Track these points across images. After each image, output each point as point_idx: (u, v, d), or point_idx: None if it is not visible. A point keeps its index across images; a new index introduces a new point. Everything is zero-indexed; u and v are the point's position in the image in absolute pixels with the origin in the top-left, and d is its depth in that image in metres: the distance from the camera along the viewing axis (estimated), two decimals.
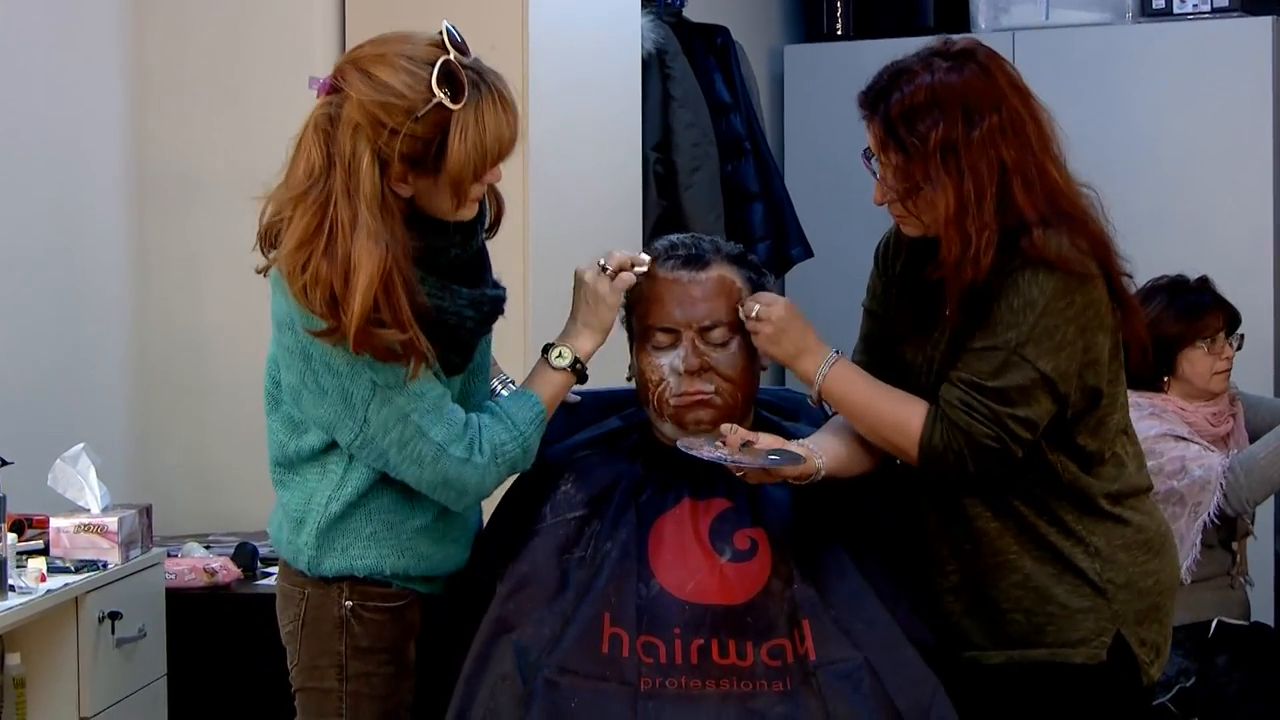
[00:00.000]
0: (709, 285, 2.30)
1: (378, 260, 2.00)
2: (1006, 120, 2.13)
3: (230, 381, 3.65)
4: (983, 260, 2.11)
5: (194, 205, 3.66)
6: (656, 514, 2.26)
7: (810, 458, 2.18)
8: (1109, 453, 2.22)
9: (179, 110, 3.68)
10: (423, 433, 2.11)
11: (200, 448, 3.69)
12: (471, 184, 2.06)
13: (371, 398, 2.10)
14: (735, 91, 4.37)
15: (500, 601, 2.23)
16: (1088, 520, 2.20)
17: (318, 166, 2.04)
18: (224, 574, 3.19)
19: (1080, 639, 2.19)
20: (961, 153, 2.11)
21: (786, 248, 4.39)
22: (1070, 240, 2.13)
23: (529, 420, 2.19)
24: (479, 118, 2.02)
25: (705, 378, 2.27)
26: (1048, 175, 2.16)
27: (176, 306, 3.69)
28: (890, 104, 2.14)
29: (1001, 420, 2.11)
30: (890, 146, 2.14)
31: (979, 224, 2.11)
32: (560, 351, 2.23)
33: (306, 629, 2.23)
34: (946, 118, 2.11)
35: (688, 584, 2.20)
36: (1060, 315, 2.11)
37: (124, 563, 2.80)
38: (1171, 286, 3.51)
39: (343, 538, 2.20)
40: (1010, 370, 2.11)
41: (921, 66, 2.15)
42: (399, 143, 2.01)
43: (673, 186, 4.13)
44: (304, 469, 2.21)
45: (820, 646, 2.15)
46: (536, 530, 2.27)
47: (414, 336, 2.04)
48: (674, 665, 2.14)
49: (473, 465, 2.13)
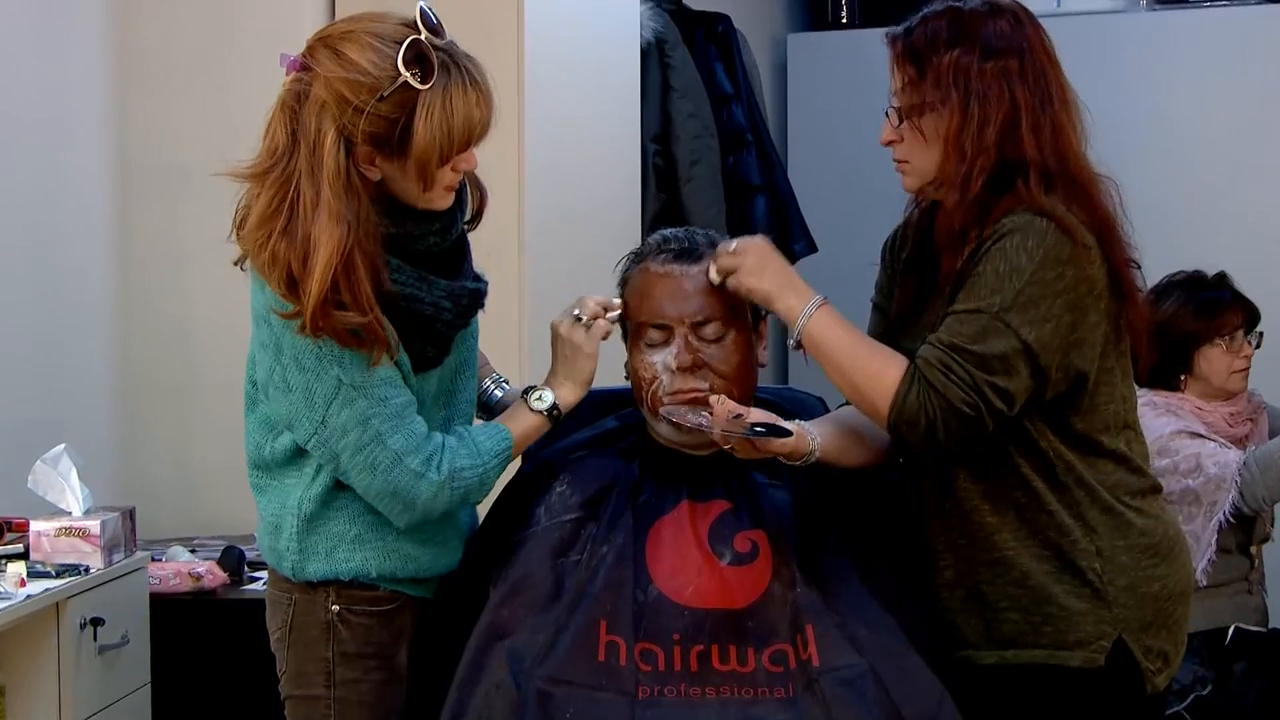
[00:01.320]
0: (701, 279, 2.29)
1: (337, 239, 2.01)
2: (1028, 67, 2.17)
3: (217, 380, 3.65)
4: (973, 183, 2.13)
5: (180, 196, 3.66)
6: (654, 516, 2.26)
7: (803, 436, 2.18)
8: (1111, 446, 2.21)
9: (165, 98, 3.67)
10: (381, 439, 2.11)
11: (185, 448, 3.69)
12: (438, 168, 2.06)
13: (334, 396, 2.10)
14: (737, 81, 4.37)
15: (493, 607, 2.22)
16: (1091, 515, 2.19)
17: (281, 145, 2.06)
18: (210, 579, 3.19)
19: (1078, 641, 2.18)
20: (974, 79, 2.15)
21: (790, 243, 4.38)
22: (1066, 207, 2.13)
23: (494, 452, 2.19)
24: (447, 100, 2.03)
25: (700, 375, 2.27)
26: (1061, 130, 2.18)
27: (162, 301, 3.69)
28: (914, 29, 2.21)
29: (979, 387, 2.09)
30: (906, 61, 2.19)
31: (977, 146, 2.14)
32: (541, 395, 2.24)
33: (294, 635, 2.24)
34: (964, 45, 2.16)
35: (687, 588, 2.20)
36: (1048, 286, 2.10)
37: (106, 567, 2.80)
38: (1189, 282, 3.51)
39: (325, 541, 2.20)
40: (992, 336, 2.09)
41: (954, 9, 2.21)
42: (364, 122, 2.01)
43: (672, 180, 4.13)
44: (280, 473, 2.22)
45: (823, 652, 2.15)
46: (530, 533, 2.27)
47: (374, 320, 2.05)
48: (673, 672, 2.14)
49: (426, 481, 2.12)
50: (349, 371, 2.09)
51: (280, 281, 2.05)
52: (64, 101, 3.49)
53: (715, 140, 4.20)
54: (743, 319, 2.30)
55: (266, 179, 2.06)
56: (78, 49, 3.54)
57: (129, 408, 3.67)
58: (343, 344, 2.07)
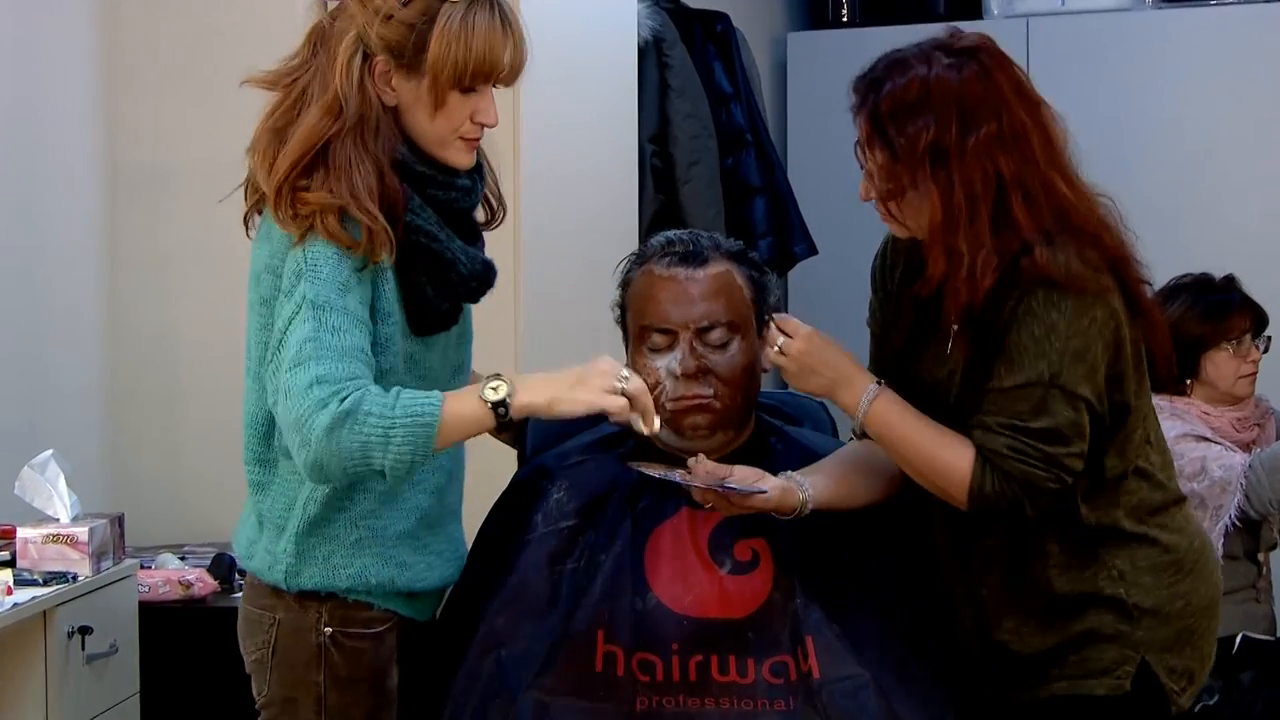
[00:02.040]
0: (707, 284, 2.29)
1: (315, 122, 2.03)
2: (1006, 129, 2.08)
3: (206, 385, 3.65)
4: (981, 283, 2.06)
5: (168, 200, 3.66)
6: (653, 523, 2.26)
7: (790, 489, 2.16)
8: (1131, 468, 2.18)
9: (152, 98, 3.67)
10: (306, 364, 1.99)
11: (175, 454, 3.69)
12: (450, 88, 2.06)
13: (294, 315, 2.02)
14: (736, 81, 4.37)
15: (489, 616, 2.22)
16: (1110, 544, 2.16)
17: (303, 55, 2.11)
18: (200, 586, 3.18)
19: (1102, 669, 2.16)
20: (953, 160, 2.06)
21: (790, 245, 4.38)
22: (1078, 253, 2.08)
23: (409, 413, 1.99)
24: (469, 17, 2.05)
25: (703, 381, 2.26)
26: (1054, 190, 2.10)
27: (150, 306, 3.68)
28: (880, 96, 2.09)
29: (1057, 461, 2.07)
30: (876, 143, 2.10)
31: (974, 242, 2.06)
32: (497, 385, 2.03)
33: (278, 657, 2.16)
34: (939, 120, 2.06)
35: (686, 597, 2.20)
36: (1085, 335, 2.07)
37: (95, 575, 2.79)
38: (1196, 285, 3.51)
39: (324, 544, 2.14)
40: (1052, 406, 2.06)
41: (919, 59, 2.10)
42: (383, 26, 2.04)
43: (670, 181, 4.13)
44: (284, 468, 2.16)
45: (825, 664, 2.15)
46: (527, 540, 2.27)
47: (361, 214, 2.00)
48: (671, 683, 2.14)
49: (326, 412, 1.97)
50: (316, 288, 2.01)
51: (274, 183, 2.04)
52: (47, 101, 3.48)
53: (714, 141, 4.20)
54: (747, 325, 2.30)
55: (281, 81, 2.11)
56: (61, 47, 3.54)
57: (117, 412, 3.67)
58: (330, 236, 2.01)
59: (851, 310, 2.24)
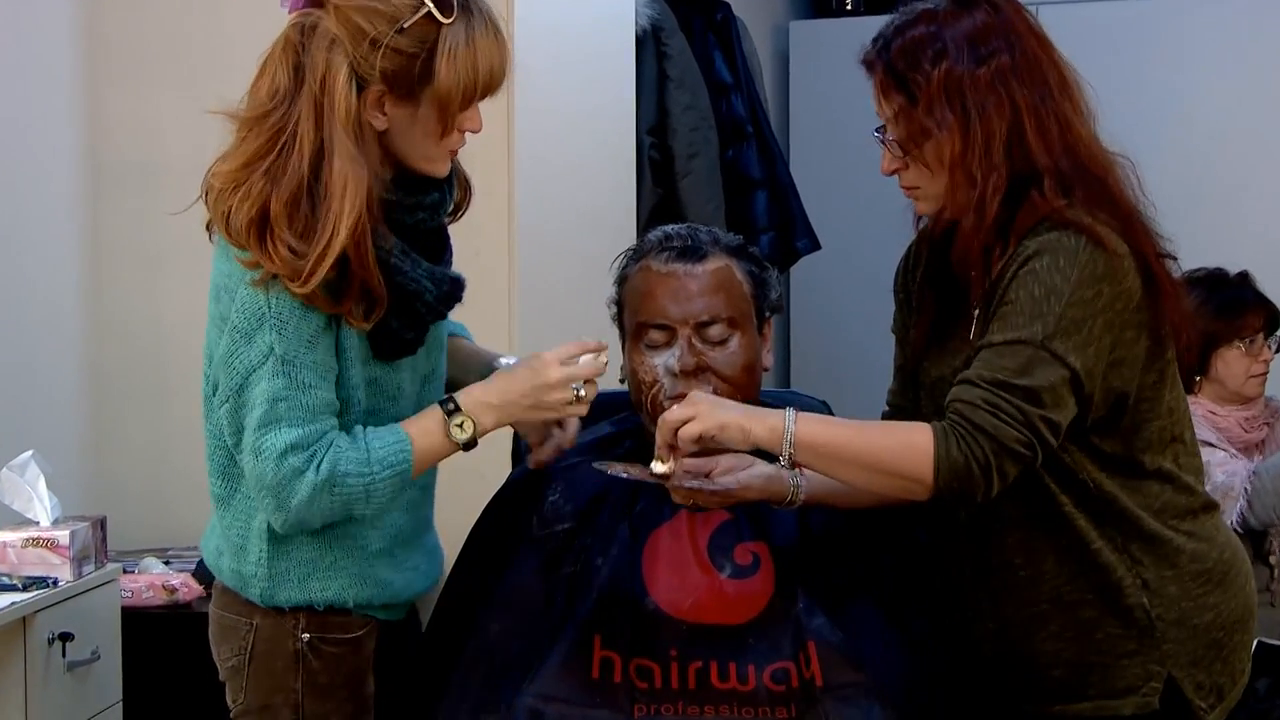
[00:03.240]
0: (706, 279, 2.29)
1: (358, 182, 1.95)
2: (1020, 61, 2.10)
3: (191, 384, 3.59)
4: (989, 207, 2.07)
5: (153, 195, 3.65)
6: (651, 527, 2.26)
7: (778, 479, 2.15)
8: (1154, 465, 2.14)
9: (137, 90, 3.67)
10: (278, 425, 2.01)
11: (159, 455, 3.68)
12: (460, 111, 2.02)
13: (259, 365, 2.02)
14: (736, 71, 4.37)
15: (482, 622, 2.22)
16: (1134, 546, 2.13)
17: (283, 87, 2.01)
18: (185, 591, 3.18)
19: (1127, 687, 2.13)
20: (968, 91, 2.07)
21: (792, 240, 4.39)
22: (1089, 214, 2.07)
23: (386, 464, 2.05)
24: (471, 38, 2.00)
25: (702, 378, 2.26)
26: (1069, 125, 2.12)
27: (134, 302, 3.68)
28: (892, 48, 2.12)
29: (1033, 422, 2.01)
30: (892, 89, 2.11)
31: (986, 166, 2.07)
32: (463, 423, 2.08)
33: (255, 664, 2.15)
34: (951, 52, 2.09)
35: (685, 602, 2.20)
36: (1088, 306, 2.03)
37: (76, 579, 2.79)
38: (1209, 280, 3.51)
39: (298, 568, 2.13)
40: (1039, 366, 2.02)
41: (927, 14, 2.14)
42: (380, 57, 1.98)
43: (669, 174, 4.13)
44: (245, 482, 2.12)
45: (827, 670, 2.15)
46: (521, 544, 2.27)
47: (373, 276, 1.99)
48: (670, 690, 2.14)
49: (304, 481, 2.01)
50: (284, 343, 2.01)
51: (248, 223, 1.98)
52: (28, 94, 3.48)
53: (714, 132, 4.20)
54: (747, 321, 2.30)
55: (261, 124, 2.01)
56: (43, 37, 3.54)
57: (100, 412, 3.66)
58: (309, 303, 1.99)
59: (855, 306, 2.24)
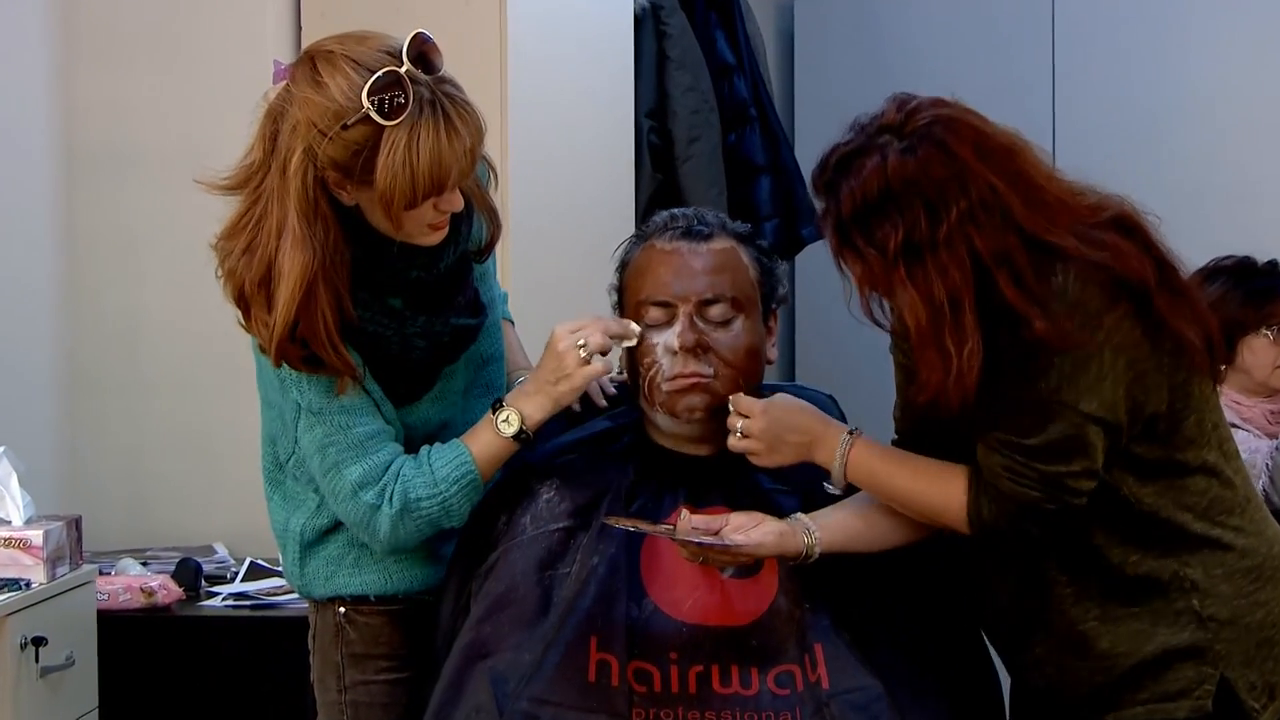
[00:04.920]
0: (711, 258, 2.29)
1: (301, 268, 2.08)
2: (977, 201, 2.04)
3: (172, 376, 3.65)
4: (967, 380, 2.04)
5: (130, 180, 3.66)
6: None
7: (792, 535, 2.15)
8: (1198, 461, 2.15)
9: (112, 71, 3.67)
10: (339, 469, 2.21)
11: (137, 451, 3.69)
12: (403, 210, 2.09)
13: (297, 419, 2.22)
14: (739, 51, 4.37)
15: (475, 624, 2.23)
16: (1180, 550, 2.13)
17: (257, 160, 2.14)
18: (163, 594, 3.18)
19: (1180, 690, 2.13)
20: (927, 255, 2.04)
21: (797, 227, 4.38)
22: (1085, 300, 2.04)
23: (453, 479, 2.23)
24: (413, 140, 2.05)
25: (703, 359, 2.26)
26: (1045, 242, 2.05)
27: (111, 292, 3.69)
28: (840, 200, 2.08)
29: (1054, 480, 2.06)
30: (848, 255, 2.09)
31: (958, 338, 2.04)
32: (508, 416, 2.24)
33: (316, 641, 2.37)
34: (905, 216, 2.04)
35: (685, 603, 2.20)
36: (1092, 348, 2.04)
37: (50, 581, 2.80)
38: (1238, 269, 3.53)
39: (326, 565, 2.33)
40: (1052, 421, 2.05)
41: (870, 150, 2.08)
42: (329, 147, 2.07)
43: (669, 158, 4.13)
44: (285, 491, 2.35)
45: (834, 674, 2.15)
46: (515, 544, 2.27)
47: (333, 353, 2.13)
48: (669, 694, 2.14)
49: (382, 515, 2.21)
50: (307, 396, 2.19)
51: (233, 299, 2.15)
52: (2, 76, 3.48)
53: (715, 115, 4.20)
54: (752, 306, 2.30)
55: (243, 189, 2.15)
56: (15, 17, 3.54)
57: (75, 407, 3.66)
58: (303, 370, 2.17)
59: None
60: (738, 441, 2.21)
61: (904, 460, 2.18)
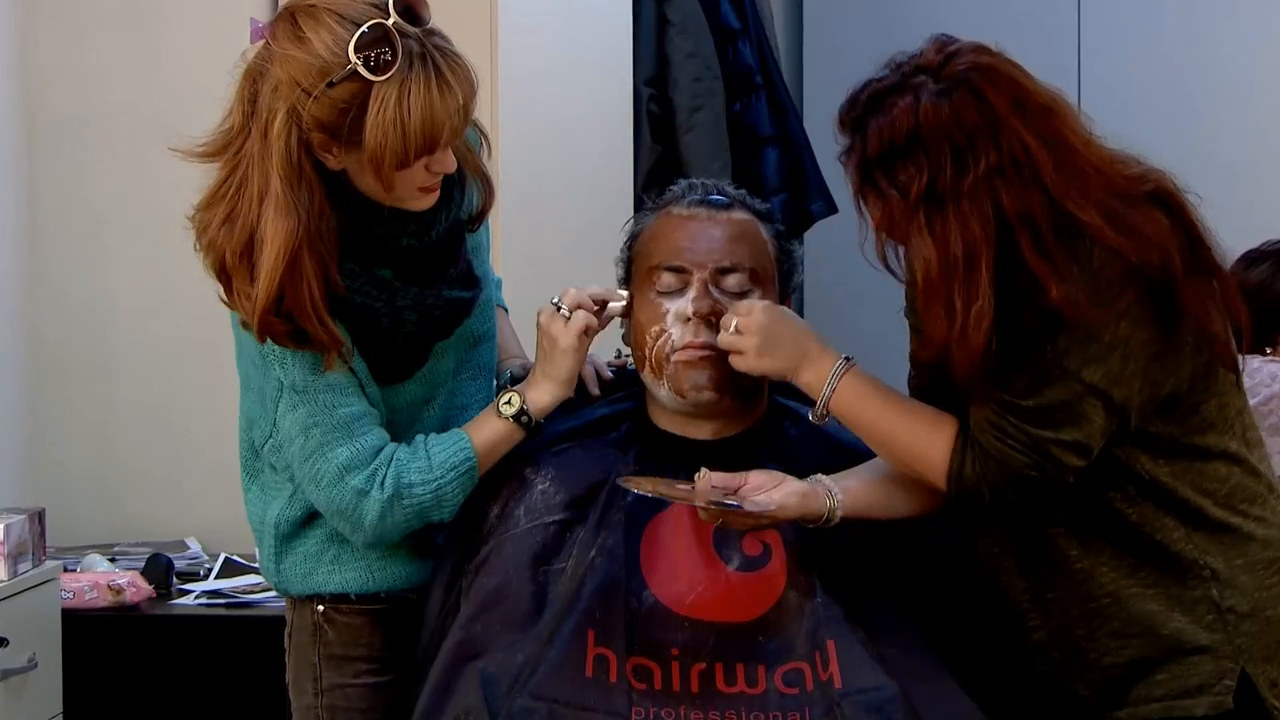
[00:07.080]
0: (730, 226, 2.31)
1: (284, 236, 2.08)
2: (1007, 156, 2.06)
3: (140, 362, 3.65)
4: (973, 340, 2.05)
5: (94, 150, 3.66)
6: (650, 515, 2.26)
7: (816, 495, 2.17)
8: (1220, 446, 2.16)
9: (75, 32, 3.67)
10: (323, 451, 2.21)
11: (103, 441, 3.69)
12: (394, 169, 2.09)
13: (279, 398, 2.22)
14: (744, 15, 4.36)
15: (464, 623, 2.23)
16: (1198, 537, 2.14)
17: (236, 124, 2.14)
18: (132, 592, 3.19)
19: (1200, 685, 2.13)
20: (949, 204, 2.05)
21: (805, 202, 4.38)
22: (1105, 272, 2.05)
23: (449, 466, 2.24)
24: (404, 95, 2.05)
25: (716, 329, 2.26)
26: (1070, 213, 2.07)
27: (75, 271, 3.69)
28: (866, 138, 2.10)
29: (1041, 446, 2.06)
30: (870, 195, 2.11)
31: (968, 296, 2.05)
32: (509, 398, 2.27)
33: (292, 640, 2.37)
34: (931, 160, 2.06)
35: (687, 597, 2.20)
36: (1104, 314, 2.05)
37: (11, 579, 2.80)
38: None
39: (304, 561, 2.33)
40: (1050, 385, 2.06)
41: (904, 89, 2.09)
42: (313, 106, 2.06)
43: (670, 128, 4.13)
44: (261, 482, 2.35)
45: (847, 672, 2.15)
46: (508, 537, 2.28)
47: (318, 325, 2.12)
48: (671, 693, 2.14)
49: (371, 500, 2.21)
50: (290, 373, 2.20)
51: (213, 271, 2.14)
52: None
53: (719, 83, 4.19)
54: (769, 282, 2.31)
55: (221, 155, 2.15)
56: None
57: (37, 393, 3.67)
58: (288, 346, 2.16)
59: (874, 276, 2.22)
60: (728, 336, 2.21)
61: (897, 400, 2.19)
